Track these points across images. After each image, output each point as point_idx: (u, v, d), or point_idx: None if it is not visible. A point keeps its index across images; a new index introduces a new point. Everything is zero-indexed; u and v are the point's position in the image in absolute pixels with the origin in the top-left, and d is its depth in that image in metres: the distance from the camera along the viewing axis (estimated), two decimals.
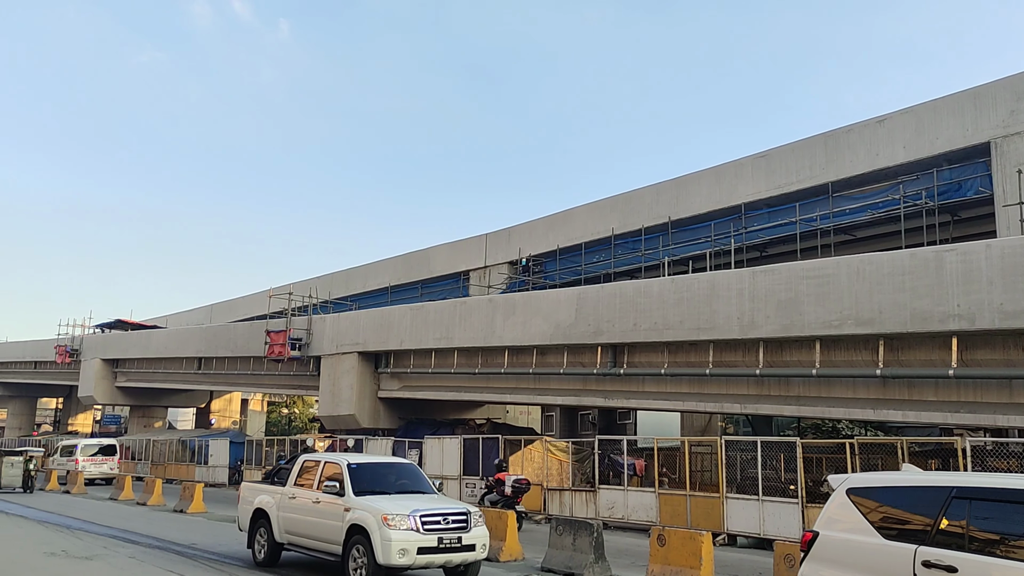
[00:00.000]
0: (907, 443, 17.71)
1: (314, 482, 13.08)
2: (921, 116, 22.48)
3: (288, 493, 13.61)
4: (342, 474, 12.59)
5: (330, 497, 12.40)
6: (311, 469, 13.53)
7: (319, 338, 35.98)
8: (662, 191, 29.32)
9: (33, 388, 69.17)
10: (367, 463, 13.38)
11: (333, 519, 12.17)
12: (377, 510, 11.51)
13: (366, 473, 12.87)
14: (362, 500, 11.94)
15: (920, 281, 17.71)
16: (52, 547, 15.69)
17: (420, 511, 11.56)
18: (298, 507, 13.19)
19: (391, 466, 13.93)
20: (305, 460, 13.94)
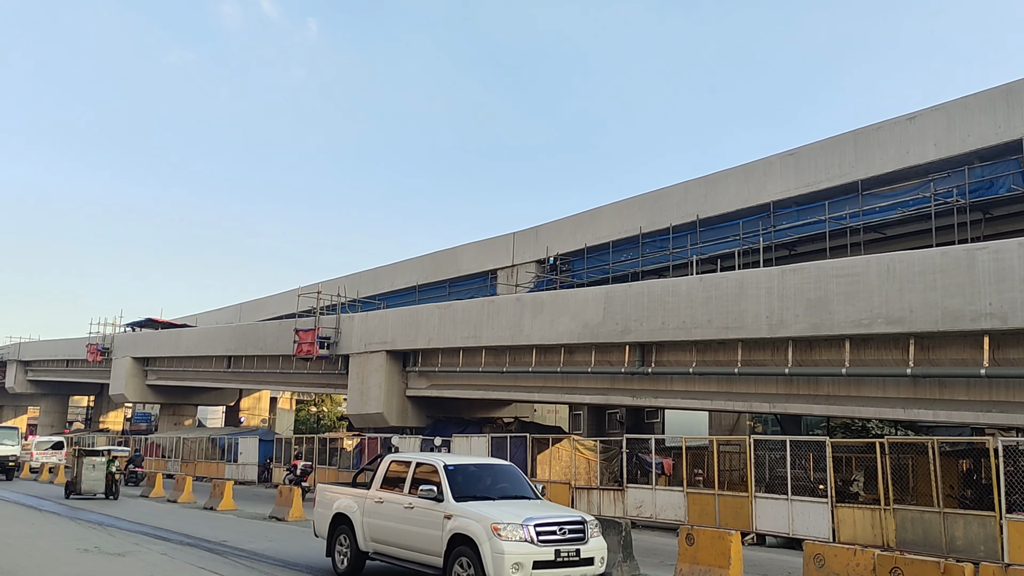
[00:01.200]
0: (938, 443, 17.56)
1: (405, 485, 11.90)
2: (952, 113, 22.25)
3: (374, 497, 12.36)
4: (439, 477, 11.33)
5: (426, 502, 11.18)
6: (400, 471, 12.33)
7: (347, 337, 36.22)
8: (690, 189, 29.23)
9: (65, 386, 70.15)
10: (465, 464, 12.12)
11: (430, 527, 11.01)
12: (485, 518, 10.32)
13: (465, 476, 11.66)
14: (465, 506, 10.77)
15: (951, 279, 17.57)
16: (85, 543, 15.96)
17: (534, 519, 10.35)
18: (386, 513, 12.02)
19: (490, 468, 12.60)
20: (392, 461, 12.77)
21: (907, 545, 16.83)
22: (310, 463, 35.49)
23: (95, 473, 27.64)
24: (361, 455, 34.05)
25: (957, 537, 16.62)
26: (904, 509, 17.59)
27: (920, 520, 17.30)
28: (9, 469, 39.00)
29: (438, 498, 11.06)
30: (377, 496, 12.34)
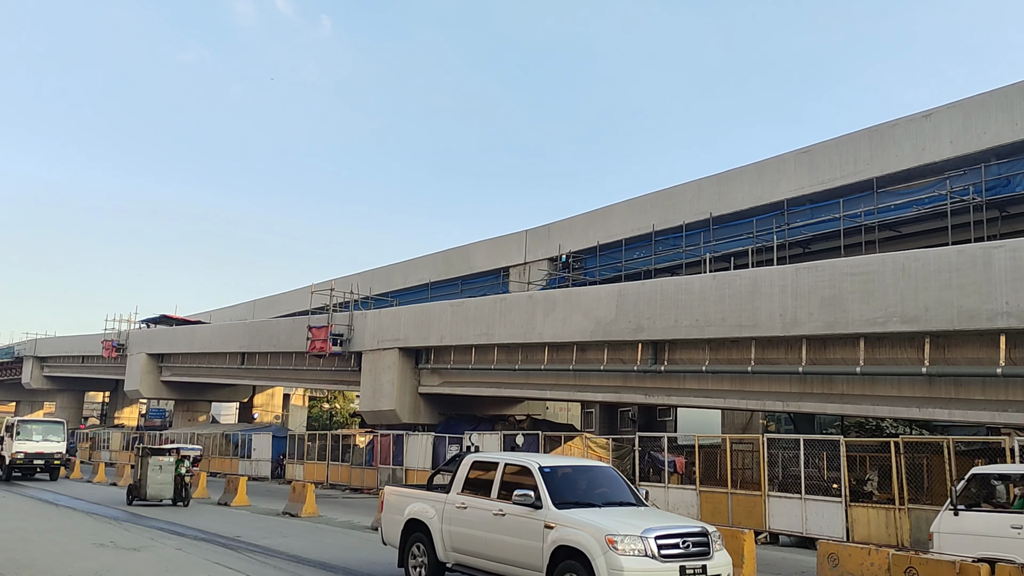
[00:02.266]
0: (953, 442, 17.44)
1: (492, 489, 10.62)
2: (968, 110, 22.09)
3: (455, 502, 11.10)
4: (535, 480, 10.11)
5: (520, 509, 9.93)
6: (485, 473, 11.07)
7: (360, 334, 36.31)
8: (703, 187, 29.13)
9: (81, 382, 70.63)
10: (562, 466, 10.93)
11: (527, 537, 9.79)
12: (598, 528, 9.04)
13: (563, 478, 10.47)
14: (569, 514, 9.55)
15: (967, 278, 17.47)
16: (101, 538, 16.08)
17: (654, 530, 9.07)
18: (471, 520, 10.74)
19: (588, 470, 11.35)
20: (475, 461, 11.45)
21: (922, 545, 16.72)
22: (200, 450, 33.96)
23: (162, 476, 24.35)
24: (373, 452, 34.13)
25: None
26: (919, 509, 17.48)
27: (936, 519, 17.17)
28: (54, 468, 35.49)
29: (535, 504, 9.80)
30: (459, 501, 11.05)
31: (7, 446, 34.72)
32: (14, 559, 13.07)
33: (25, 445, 34.24)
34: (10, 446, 34.40)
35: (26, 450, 34.22)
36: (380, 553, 15.19)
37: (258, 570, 12.77)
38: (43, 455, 34.59)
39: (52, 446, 35.05)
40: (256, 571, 12.65)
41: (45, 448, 34.70)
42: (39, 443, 34.60)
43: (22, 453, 34.13)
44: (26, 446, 34.26)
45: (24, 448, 34.18)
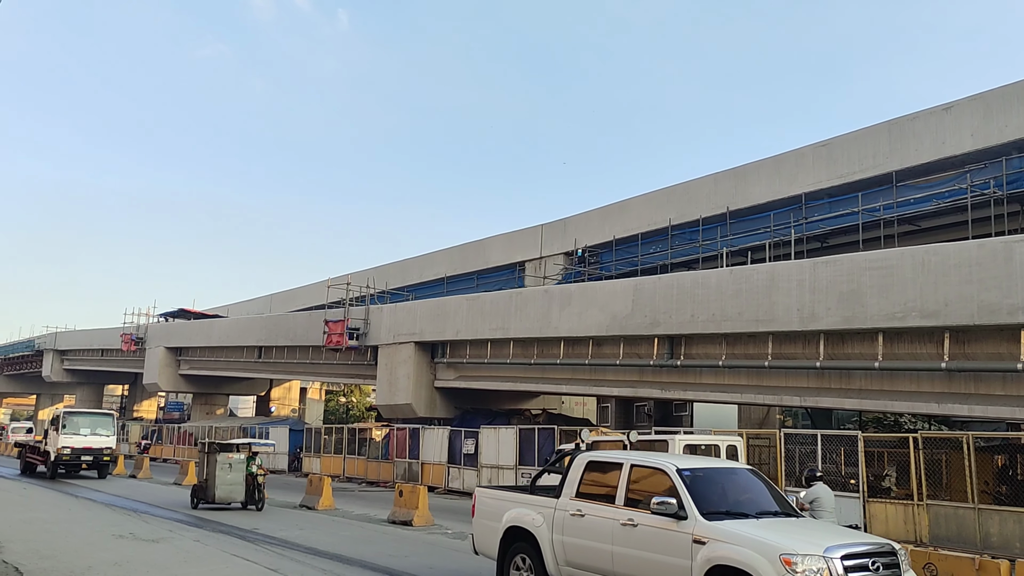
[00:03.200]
0: (972, 438, 17.30)
1: (617, 494, 9.15)
2: (989, 103, 21.86)
3: (569, 508, 9.65)
4: (675, 485, 8.59)
5: (658, 520, 8.41)
6: (606, 475, 9.60)
7: (376, 328, 36.39)
8: (720, 181, 28.99)
9: (100, 375, 71.17)
10: (703, 468, 9.27)
11: (669, 553, 8.27)
12: (769, 546, 7.53)
13: (707, 484, 8.87)
14: (723, 527, 8.04)
15: (988, 272, 17.31)
16: (120, 530, 16.18)
17: (838, 548, 7.54)
18: (591, 530, 9.25)
19: (731, 473, 9.65)
20: (590, 461, 9.95)
21: (940, 541, 16.62)
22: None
23: (232, 475, 21.40)
24: (389, 445, 34.22)
25: (992, 533, 16.39)
26: (938, 505, 17.37)
27: (954, 516, 17.08)
28: (103, 465, 31.89)
29: (678, 515, 8.28)
30: (574, 507, 9.58)
31: (52, 440, 31.23)
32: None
33: (72, 439, 30.72)
34: (56, 440, 30.81)
35: (73, 445, 30.69)
36: (397, 546, 15.26)
37: (275, 562, 12.82)
38: (91, 450, 31.14)
39: (101, 440, 31.59)
40: (273, 563, 12.70)
41: (94, 443, 31.25)
42: (87, 437, 31.13)
43: (69, 448, 30.60)
44: (73, 440, 30.74)
45: (71, 443, 30.66)
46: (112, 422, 33.02)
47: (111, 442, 32.04)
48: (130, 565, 12.07)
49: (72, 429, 30.84)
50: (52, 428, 31.71)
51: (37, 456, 32.91)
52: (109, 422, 32.77)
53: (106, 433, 31.86)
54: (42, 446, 32.32)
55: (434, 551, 14.73)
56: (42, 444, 32.44)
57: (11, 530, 15.46)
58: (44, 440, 32.32)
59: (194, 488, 22.33)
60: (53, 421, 31.87)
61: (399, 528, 18.33)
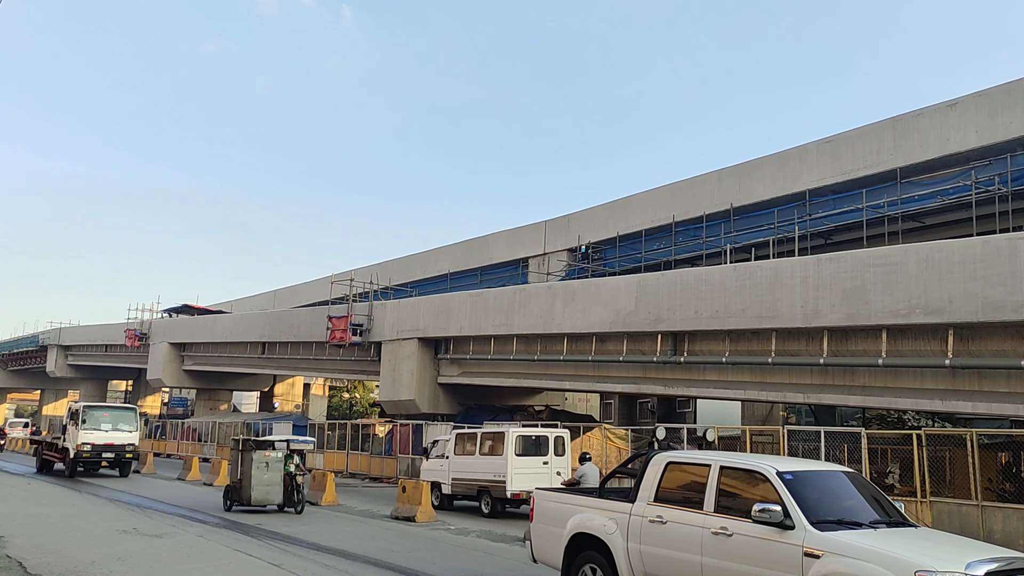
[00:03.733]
0: (976, 435, 17.27)
1: (705, 500, 8.17)
2: (995, 99, 21.80)
3: (647, 514, 8.67)
4: (777, 491, 7.62)
5: (759, 529, 7.47)
6: (691, 477, 8.67)
7: (380, 324, 36.41)
8: (724, 177, 28.95)
9: (104, 370, 71.35)
10: (806, 471, 8.21)
11: (775, 567, 7.35)
12: (900, 561, 6.57)
13: (813, 489, 7.87)
14: (841, 539, 7.06)
15: (992, 269, 17.27)
16: (124, 525, 16.21)
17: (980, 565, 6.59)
18: (675, 539, 8.27)
19: (833, 477, 8.55)
20: (670, 463, 8.99)
21: None
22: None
23: (269, 475, 19.64)
24: (392, 441, 34.24)
25: (995, 531, 16.36)
26: (941, 502, 17.35)
27: (957, 513, 17.06)
28: (126, 463, 30.07)
29: (784, 524, 7.31)
30: (653, 513, 8.60)
31: (71, 436, 29.28)
32: None
33: (93, 435, 28.90)
34: (75, 436, 28.88)
35: (94, 441, 28.90)
36: (400, 542, 15.27)
37: (278, 557, 12.84)
38: (113, 447, 29.24)
39: (124, 436, 29.62)
40: (276, 558, 12.71)
41: (116, 439, 29.31)
42: (108, 433, 29.20)
43: (89, 445, 28.76)
44: (94, 436, 28.93)
45: (92, 439, 28.86)
46: (135, 417, 31.04)
47: (134, 438, 30.11)
48: (133, 560, 12.09)
49: (92, 424, 29.10)
50: (71, 423, 29.64)
51: (54, 453, 31.14)
52: (132, 417, 30.82)
53: (129, 429, 29.93)
54: (60, 442, 30.44)
55: (437, 547, 14.73)
56: (60, 440, 30.56)
57: (15, 525, 15.50)
58: (62, 436, 30.43)
59: (227, 489, 20.41)
60: (72, 416, 29.76)
61: (402, 524, 18.34)
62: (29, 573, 10.79)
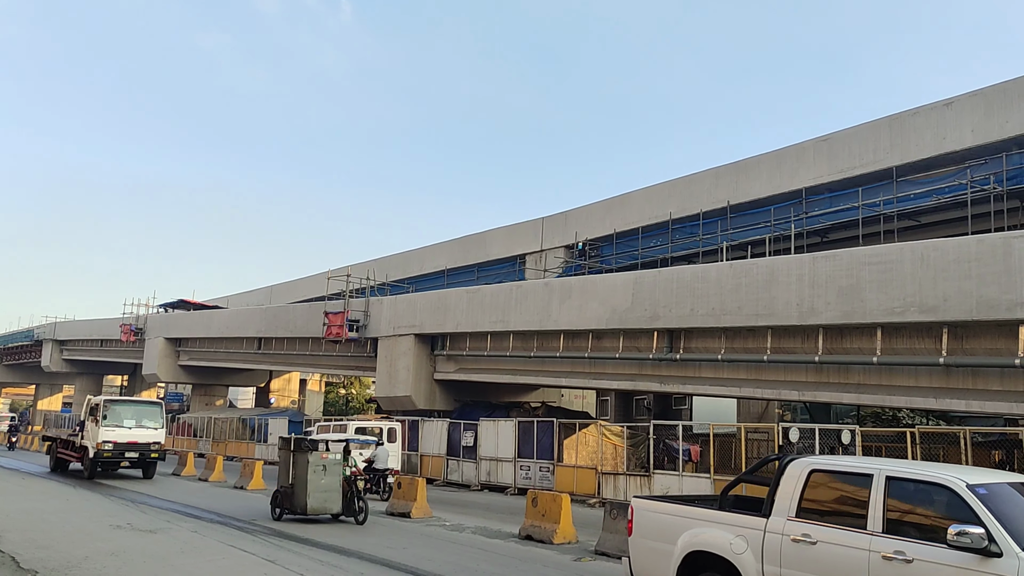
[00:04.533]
0: (970, 433, 17.34)
1: (870, 516, 6.88)
2: (991, 98, 21.84)
3: (789, 531, 7.38)
4: (970, 507, 6.35)
5: (953, 556, 6.22)
6: (844, 489, 7.40)
7: (376, 320, 36.41)
8: (721, 175, 28.98)
9: (99, 365, 71.22)
10: (999, 483, 6.87)
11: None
12: None
13: (1014, 507, 6.59)
14: None
15: (987, 268, 17.31)
16: (118, 520, 16.23)
17: None
18: (832, 564, 6.99)
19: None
20: (818, 470, 7.62)
21: None
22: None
23: (327, 480, 17.13)
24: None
25: None
26: None
27: None
28: (150, 463, 27.68)
29: (990, 551, 6.06)
30: (798, 531, 7.29)
31: (91, 434, 26.99)
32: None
33: (115, 433, 26.53)
34: (95, 434, 26.54)
35: (116, 439, 26.52)
36: (395, 537, 15.29)
37: (272, 553, 12.86)
38: (137, 445, 26.87)
39: (148, 434, 27.29)
40: (271, 554, 12.73)
41: (140, 436, 26.98)
42: (132, 430, 26.90)
43: (111, 443, 26.40)
44: (116, 434, 26.55)
45: (113, 436, 26.48)
46: (161, 412, 28.71)
47: (159, 436, 27.72)
48: (127, 555, 12.10)
49: (114, 420, 26.72)
50: (90, 419, 27.35)
51: (71, 452, 28.90)
52: (157, 412, 28.51)
53: (153, 425, 27.66)
54: (77, 440, 28.14)
55: (432, 543, 14.76)
56: (77, 438, 28.24)
57: (8, 520, 15.51)
58: (79, 433, 28.13)
59: (276, 495, 17.79)
60: (92, 411, 27.43)
61: (397, 520, 18.35)
62: (22, 568, 10.79)
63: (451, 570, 11.92)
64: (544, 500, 15.75)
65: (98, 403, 27.34)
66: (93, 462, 26.65)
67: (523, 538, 15.48)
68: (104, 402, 27.41)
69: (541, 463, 26.55)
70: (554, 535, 15.07)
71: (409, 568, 11.95)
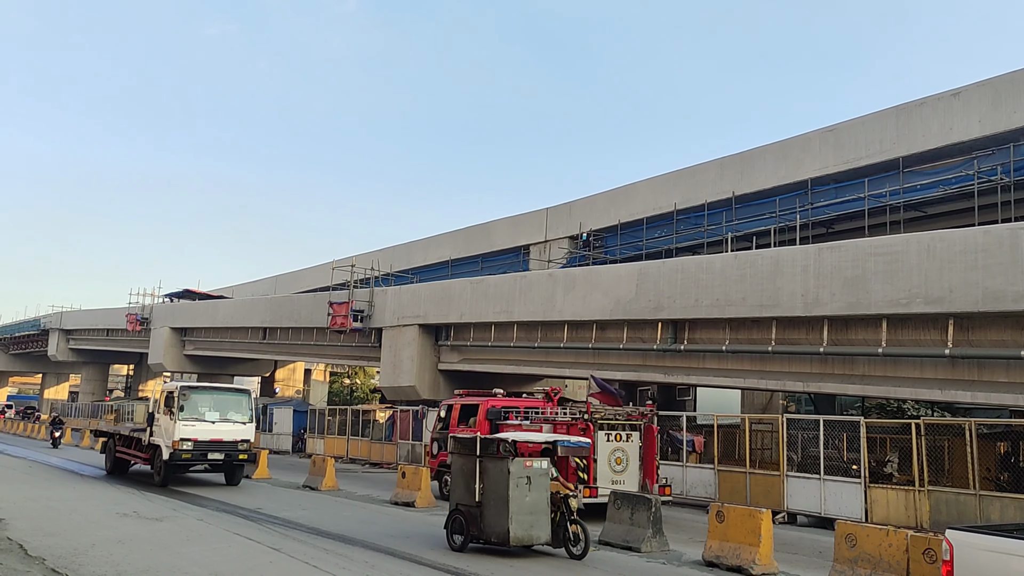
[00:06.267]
0: (975, 424, 17.29)
1: None
2: (998, 89, 21.73)
3: None
4: None
5: None
6: None
7: (381, 310, 36.44)
8: (726, 166, 28.89)
9: (105, 355, 71.47)
10: None
11: None
12: None
13: None
14: None
15: (993, 259, 17.26)
16: (124, 508, 16.31)
17: None
18: None
19: None
20: None
21: (941, 527, 16.61)
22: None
23: (532, 497, 12.53)
24: (393, 427, 34.31)
25: (993, 519, 16.38)
26: (939, 491, 17.38)
27: (955, 502, 17.09)
28: (237, 466, 22.55)
29: None
30: None
31: (165, 430, 21.59)
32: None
33: (196, 428, 21.33)
34: (171, 430, 21.22)
35: (197, 436, 21.27)
36: (399, 526, 15.32)
37: (278, 541, 12.90)
38: (222, 444, 21.68)
39: (235, 430, 22.02)
40: (276, 542, 12.78)
41: (225, 433, 21.78)
42: (215, 425, 21.70)
43: (191, 441, 21.16)
44: (198, 430, 21.34)
45: (194, 433, 21.26)
46: (249, 402, 22.96)
47: (248, 432, 22.37)
48: (133, 543, 12.16)
49: (194, 413, 21.53)
50: (164, 411, 21.86)
51: (135, 451, 23.51)
52: (245, 403, 22.80)
53: (241, 419, 22.29)
54: (144, 437, 22.69)
55: (436, 532, 14.77)
56: (144, 434, 22.82)
57: (15, 508, 15.59)
58: (148, 429, 22.58)
59: (456, 516, 13.13)
60: (167, 401, 21.96)
61: (401, 509, 18.40)
62: (30, 555, 10.85)
63: (455, 559, 11.93)
64: None
65: (173, 391, 22.02)
66: (168, 465, 21.33)
67: None
68: (182, 389, 22.02)
69: None
70: None
71: (413, 557, 11.96)
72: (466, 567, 11.50)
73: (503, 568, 11.64)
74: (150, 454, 22.37)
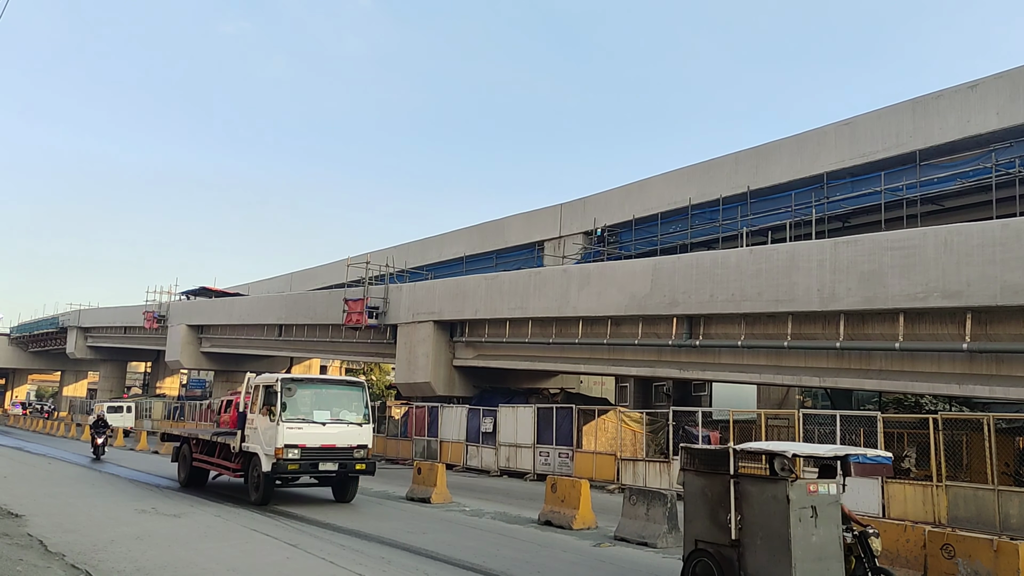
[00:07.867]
0: (993, 419, 17.17)
1: None
2: (1016, 81, 21.54)
3: None
4: None
5: None
6: None
7: (395, 307, 36.54)
8: (741, 160, 28.78)
9: (123, 352, 71.97)
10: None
11: None
12: None
13: None
14: None
15: (1012, 253, 17.13)
16: (143, 504, 16.41)
17: None
18: None
19: None
20: None
21: (959, 522, 16.56)
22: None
23: (819, 536, 8.54)
24: (408, 423, 34.42)
25: (1012, 515, 16.30)
26: (957, 486, 17.29)
27: (973, 497, 17.00)
28: (352, 478, 17.94)
29: None
30: None
31: (262, 433, 17.28)
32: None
33: (303, 432, 16.84)
34: (274, 434, 16.72)
35: (305, 443, 16.80)
36: (415, 522, 15.35)
37: (295, 537, 12.96)
38: (336, 451, 17.23)
39: (349, 434, 17.48)
40: (293, 538, 12.83)
41: (338, 437, 17.32)
42: (326, 428, 17.16)
43: (298, 448, 16.67)
44: (305, 434, 16.86)
45: (302, 438, 16.79)
46: (364, 397, 18.29)
47: (367, 436, 17.80)
48: (151, 539, 12.24)
49: (299, 412, 17.02)
50: (262, 411, 17.43)
51: (220, 460, 19.09)
52: (359, 399, 18.14)
53: (356, 419, 17.70)
54: (233, 443, 18.24)
55: (452, 528, 14.83)
56: (233, 439, 18.39)
57: (35, 504, 15.72)
58: (242, 432, 18.18)
59: (700, 559, 9.29)
60: (268, 398, 17.41)
61: (417, 505, 18.41)
62: (50, 551, 10.95)
63: (471, 555, 11.96)
64: (563, 486, 15.78)
65: (272, 384, 17.46)
66: (268, 478, 16.87)
67: (542, 523, 15.52)
68: (283, 383, 17.24)
69: (560, 449, 26.53)
70: (573, 521, 15.12)
71: (429, 552, 12.01)
72: None
73: None
74: (241, 463, 17.97)
